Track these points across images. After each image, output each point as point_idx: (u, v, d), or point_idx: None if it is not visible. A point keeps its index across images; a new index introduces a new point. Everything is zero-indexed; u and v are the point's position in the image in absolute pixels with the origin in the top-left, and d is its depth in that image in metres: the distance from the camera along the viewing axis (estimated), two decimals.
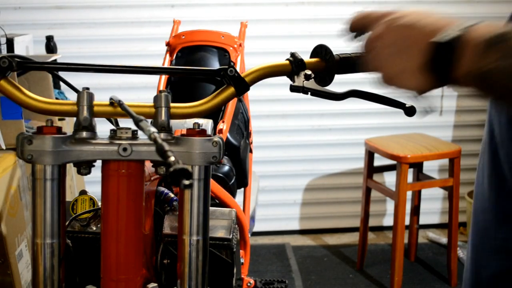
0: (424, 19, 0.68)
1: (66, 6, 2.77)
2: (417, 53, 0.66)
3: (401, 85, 0.69)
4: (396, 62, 0.68)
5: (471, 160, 3.11)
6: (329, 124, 3.02)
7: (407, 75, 0.68)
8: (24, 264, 1.67)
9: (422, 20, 0.68)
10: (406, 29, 0.68)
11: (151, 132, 0.67)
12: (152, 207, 1.03)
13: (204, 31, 1.75)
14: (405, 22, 0.68)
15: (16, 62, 0.84)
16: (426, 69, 0.65)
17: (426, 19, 0.68)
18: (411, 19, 0.68)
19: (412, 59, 0.67)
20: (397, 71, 0.69)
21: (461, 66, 0.62)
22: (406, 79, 0.68)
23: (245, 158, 1.64)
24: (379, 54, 0.71)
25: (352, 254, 2.85)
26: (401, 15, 0.70)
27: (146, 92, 2.72)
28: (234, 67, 0.86)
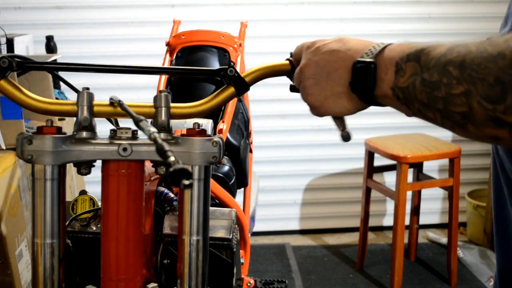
0: (343, 45, 0.71)
1: (66, 6, 2.77)
2: (339, 78, 0.70)
3: (329, 111, 0.73)
4: (319, 91, 0.72)
5: (471, 160, 3.11)
6: (329, 124, 2.98)
7: (332, 101, 0.71)
8: (24, 264, 1.67)
9: (341, 46, 0.71)
10: (326, 57, 0.72)
11: (151, 132, 0.67)
12: (152, 207, 1.02)
13: (204, 31, 1.75)
14: (324, 51, 0.72)
15: (16, 62, 0.84)
16: (349, 91, 0.69)
17: (345, 45, 0.71)
18: (330, 47, 0.72)
19: (334, 84, 0.70)
20: (321, 99, 0.72)
21: (381, 85, 0.65)
22: (331, 104, 0.72)
23: (245, 158, 1.63)
24: (304, 87, 0.75)
25: (352, 254, 2.85)
26: (319, 45, 0.74)
27: (146, 92, 2.72)
28: (234, 67, 0.86)
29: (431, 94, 0.58)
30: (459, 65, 0.55)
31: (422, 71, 0.59)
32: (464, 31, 2.92)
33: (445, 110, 0.57)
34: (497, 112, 0.53)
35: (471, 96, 0.54)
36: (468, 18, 2.94)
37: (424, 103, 0.60)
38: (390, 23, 2.94)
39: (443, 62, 0.57)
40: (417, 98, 0.60)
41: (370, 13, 2.92)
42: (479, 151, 3.12)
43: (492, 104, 0.53)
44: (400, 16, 2.95)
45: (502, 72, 0.52)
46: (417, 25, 2.96)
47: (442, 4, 2.96)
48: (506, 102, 0.52)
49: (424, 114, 0.61)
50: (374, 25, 2.92)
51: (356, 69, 0.67)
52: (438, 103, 0.58)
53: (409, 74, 0.61)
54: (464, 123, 0.56)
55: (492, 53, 0.53)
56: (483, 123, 0.55)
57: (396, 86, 0.63)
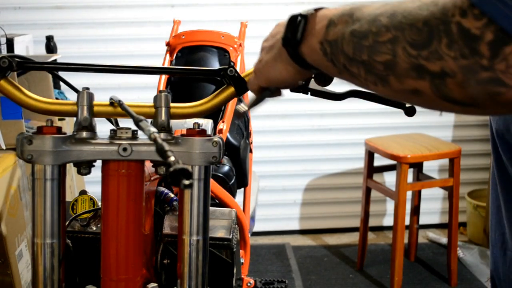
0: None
1: (66, 6, 2.77)
2: (276, 40, 0.72)
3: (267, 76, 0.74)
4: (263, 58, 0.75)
5: (471, 160, 3.11)
6: (329, 124, 3.02)
7: (270, 65, 0.73)
8: (24, 264, 1.67)
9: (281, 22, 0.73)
10: (273, 31, 0.75)
11: (151, 132, 0.67)
12: (152, 207, 1.02)
13: (204, 31, 1.75)
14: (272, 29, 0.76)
15: (16, 62, 0.84)
16: (282, 49, 0.69)
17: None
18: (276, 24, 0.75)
19: (273, 48, 0.73)
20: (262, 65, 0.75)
21: (310, 39, 0.65)
22: (269, 68, 0.73)
23: (245, 158, 1.63)
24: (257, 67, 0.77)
25: (352, 254, 2.85)
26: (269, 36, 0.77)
27: (146, 92, 2.72)
28: (234, 67, 0.87)
29: (358, 44, 0.57)
30: (390, 14, 0.54)
31: (353, 23, 0.58)
32: None
33: (369, 61, 0.56)
34: (421, 58, 0.51)
35: (397, 42, 0.52)
36: None
37: (349, 56, 0.58)
38: None
39: (375, 14, 0.56)
40: (343, 50, 0.59)
41: None
42: (479, 151, 3.12)
43: (416, 49, 0.51)
44: None
45: (432, 17, 0.50)
46: None
47: None
48: (431, 47, 0.50)
49: (349, 69, 0.60)
50: None
51: (289, 22, 0.68)
52: (363, 54, 0.56)
53: (340, 28, 0.60)
54: (387, 75, 0.54)
55: (425, 1, 0.52)
56: (405, 72, 0.52)
57: (324, 39, 0.62)
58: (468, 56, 0.47)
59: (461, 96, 0.49)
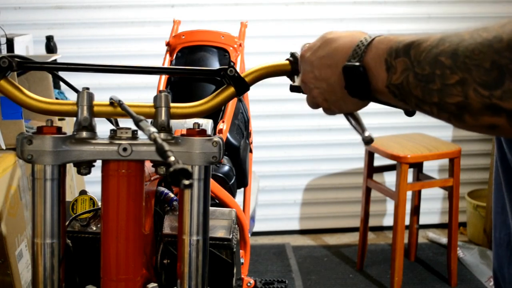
0: (329, 48, 0.70)
1: (66, 6, 2.77)
2: (336, 84, 0.69)
3: (341, 110, 0.74)
4: (327, 97, 0.72)
5: (471, 160, 3.11)
6: (329, 124, 3.02)
7: (340, 103, 0.72)
8: (24, 264, 1.67)
9: (327, 51, 0.70)
10: (318, 65, 0.71)
11: (151, 132, 0.67)
12: (152, 207, 1.02)
13: (204, 31, 1.75)
14: (314, 60, 0.72)
15: (16, 62, 0.84)
16: (347, 93, 0.68)
17: (331, 46, 0.70)
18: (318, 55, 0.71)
19: (334, 89, 0.70)
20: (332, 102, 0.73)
21: (375, 84, 0.64)
22: (341, 105, 0.72)
23: (245, 158, 1.63)
24: (314, 97, 0.75)
25: (352, 254, 2.85)
26: (309, 55, 0.74)
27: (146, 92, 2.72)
28: (234, 67, 0.86)
29: (426, 87, 0.56)
30: (451, 54, 0.53)
31: (413, 66, 0.58)
32: None
33: (441, 102, 0.56)
34: (494, 98, 0.51)
35: (467, 84, 0.52)
36: (468, 18, 2.94)
37: (420, 98, 0.58)
38: (390, 23, 2.94)
39: (435, 53, 0.55)
40: (412, 93, 0.59)
41: (370, 13, 2.92)
42: (479, 151, 3.12)
43: (488, 90, 0.51)
44: (400, 16, 2.95)
45: (499, 56, 0.49)
46: (417, 25, 2.96)
47: (442, 4, 2.96)
48: (504, 87, 0.49)
49: (421, 107, 0.60)
50: (374, 25, 2.92)
51: (347, 74, 0.66)
52: (433, 97, 0.56)
53: (400, 70, 0.59)
54: (461, 114, 0.55)
55: (488, 37, 0.51)
56: (479, 111, 0.53)
57: (390, 83, 0.61)
58: None
59: None
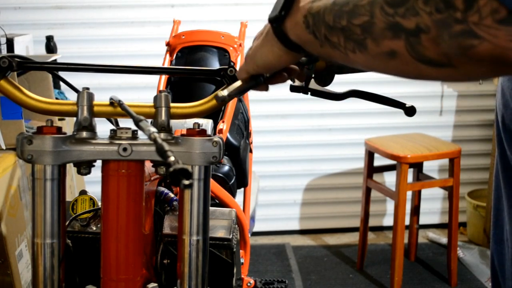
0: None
1: (66, 6, 2.77)
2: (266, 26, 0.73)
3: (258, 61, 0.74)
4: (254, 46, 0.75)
5: (471, 160, 3.11)
6: (329, 124, 3.02)
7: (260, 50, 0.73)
8: (24, 264, 1.67)
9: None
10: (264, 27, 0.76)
11: (151, 132, 0.67)
12: (152, 207, 1.02)
13: (204, 31, 1.75)
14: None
15: (16, 62, 0.84)
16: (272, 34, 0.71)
17: None
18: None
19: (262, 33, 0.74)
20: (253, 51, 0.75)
21: (295, 14, 0.66)
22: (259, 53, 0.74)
23: (245, 158, 1.63)
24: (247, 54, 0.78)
25: (352, 254, 2.85)
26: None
27: (146, 92, 2.72)
28: (234, 67, 0.87)
29: (339, 11, 0.57)
30: None
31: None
32: None
33: (348, 25, 0.56)
34: (397, 16, 0.51)
35: (376, 2, 0.53)
36: None
37: (330, 25, 0.59)
38: None
39: None
40: (324, 20, 0.60)
41: None
42: (479, 151, 3.12)
43: (393, 7, 0.51)
44: None
45: None
46: None
47: None
48: (408, 4, 0.50)
49: (329, 39, 0.60)
50: None
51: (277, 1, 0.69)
52: (342, 19, 0.57)
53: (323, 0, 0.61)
54: (364, 39, 0.55)
55: None
56: (381, 33, 0.53)
57: (308, 12, 0.63)
58: (443, 10, 0.47)
59: (435, 54, 0.49)
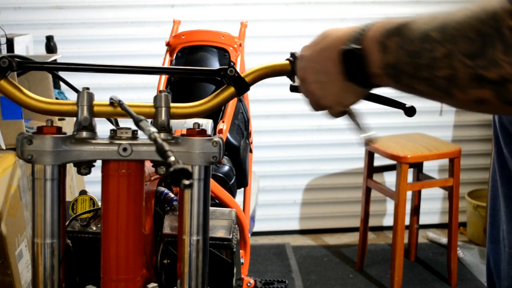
0: (326, 39, 0.69)
1: (66, 6, 2.77)
2: (335, 72, 0.68)
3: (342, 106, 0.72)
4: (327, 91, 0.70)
5: (471, 160, 3.11)
6: (329, 124, 3.02)
7: (341, 95, 0.70)
8: (24, 264, 1.67)
9: (324, 42, 0.70)
10: (316, 58, 0.70)
11: (151, 132, 0.67)
12: (152, 207, 1.02)
13: (204, 31, 1.75)
14: (311, 53, 0.71)
15: (16, 62, 0.84)
16: (345, 79, 0.67)
17: (328, 38, 0.69)
18: (315, 48, 0.70)
19: (335, 80, 0.68)
20: (332, 98, 0.71)
21: (372, 67, 0.63)
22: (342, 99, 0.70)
23: (245, 158, 1.63)
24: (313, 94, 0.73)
25: (352, 254, 2.85)
26: (304, 52, 0.73)
27: (146, 92, 2.72)
28: (234, 67, 0.86)
29: (416, 63, 0.57)
30: (440, 28, 0.54)
31: (405, 43, 0.58)
32: None
33: (431, 77, 0.56)
34: (479, 68, 0.51)
35: (453, 55, 0.52)
36: None
37: (411, 75, 0.58)
38: None
39: (424, 29, 0.56)
40: (404, 71, 0.59)
41: (370, 13, 2.92)
42: (479, 151, 3.12)
43: (473, 60, 0.51)
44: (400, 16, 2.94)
45: (483, 25, 0.50)
46: None
47: (442, 4, 2.96)
48: (487, 56, 0.50)
49: (414, 87, 0.59)
50: None
51: (344, 58, 0.65)
52: (423, 71, 0.56)
53: (394, 49, 0.59)
54: (450, 89, 0.55)
55: (474, 9, 0.51)
56: (467, 84, 0.52)
57: (385, 64, 0.61)
58: None
59: None
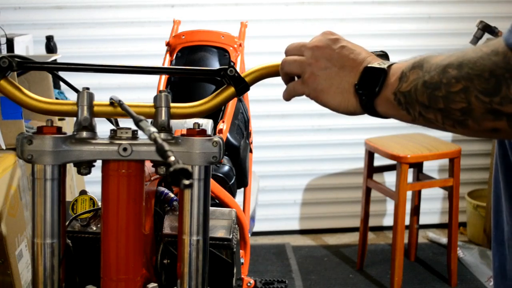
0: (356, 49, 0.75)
1: (66, 6, 2.77)
2: (348, 76, 0.73)
3: (326, 101, 0.75)
4: (327, 77, 0.74)
5: (471, 160, 3.11)
6: (329, 124, 3.02)
7: (333, 92, 0.74)
8: (24, 264, 1.67)
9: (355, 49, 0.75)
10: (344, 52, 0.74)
11: (151, 132, 0.67)
12: (152, 207, 1.02)
13: (204, 31, 1.75)
14: (342, 45, 0.75)
15: (16, 62, 0.84)
16: (354, 89, 0.72)
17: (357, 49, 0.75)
18: (348, 45, 0.75)
19: (342, 79, 0.73)
20: (326, 85, 0.74)
21: (384, 90, 0.69)
22: (332, 95, 0.74)
23: (245, 158, 1.63)
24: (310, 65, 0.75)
25: (352, 254, 2.85)
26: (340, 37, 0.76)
27: (146, 92, 2.72)
28: (234, 67, 0.87)
29: (432, 94, 0.62)
30: (457, 65, 0.60)
31: (424, 75, 0.63)
32: (464, 31, 2.91)
33: (446, 108, 0.61)
34: (494, 104, 0.57)
35: (469, 91, 0.58)
36: (468, 18, 2.93)
37: (425, 105, 0.63)
38: (390, 23, 2.94)
39: (443, 65, 0.62)
40: (418, 100, 0.64)
41: (370, 13, 2.92)
42: (479, 151, 3.12)
43: (488, 96, 0.57)
44: (400, 16, 2.95)
45: (496, 66, 0.56)
46: (417, 25, 2.96)
47: (442, 4, 2.96)
48: (501, 93, 0.56)
49: (425, 116, 0.65)
50: (374, 25, 2.92)
51: (367, 72, 0.71)
52: (439, 103, 0.62)
53: (412, 79, 0.65)
54: (464, 120, 0.60)
55: (487, 51, 0.58)
56: (482, 116, 0.59)
57: (398, 90, 0.67)
58: None
59: None
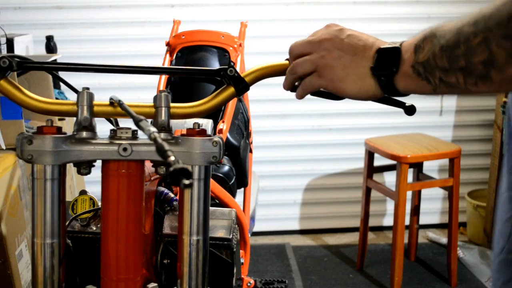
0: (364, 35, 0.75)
1: (66, 6, 2.77)
2: (362, 61, 0.73)
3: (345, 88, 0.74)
4: (342, 65, 0.74)
5: (471, 160, 3.11)
6: (329, 124, 3.02)
7: (352, 79, 0.73)
8: (24, 264, 1.67)
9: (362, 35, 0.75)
10: (353, 40, 0.74)
11: (151, 132, 0.67)
12: (152, 207, 1.03)
13: (204, 31, 1.75)
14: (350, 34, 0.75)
15: (16, 62, 0.84)
16: (371, 72, 0.72)
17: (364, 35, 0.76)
18: (355, 33, 0.76)
19: (357, 66, 0.73)
20: (343, 74, 0.74)
21: (401, 66, 0.69)
22: (351, 81, 0.74)
23: (245, 158, 1.63)
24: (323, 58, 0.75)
25: (352, 254, 2.85)
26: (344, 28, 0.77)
27: (146, 92, 2.72)
28: (234, 67, 0.86)
29: (452, 54, 0.62)
30: (473, 23, 0.60)
31: (439, 41, 0.63)
32: None
33: (467, 65, 0.61)
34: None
35: (490, 41, 0.58)
36: None
37: (445, 68, 0.63)
38: (390, 23, 2.94)
39: (458, 27, 0.62)
40: (437, 65, 0.64)
41: (370, 13, 2.92)
42: (479, 151, 3.12)
43: (509, 40, 0.56)
44: (400, 16, 2.95)
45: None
46: (417, 25, 2.95)
47: (442, 4, 2.96)
48: None
49: (446, 81, 0.64)
50: (374, 25, 2.92)
51: (381, 53, 0.71)
52: (459, 61, 0.61)
53: (427, 48, 0.65)
54: (487, 72, 0.60)
55: (500, 3, 0.57)
56: (505, 63, 0.58)
57: (416, 62, 0.67)
58: None
59: None
